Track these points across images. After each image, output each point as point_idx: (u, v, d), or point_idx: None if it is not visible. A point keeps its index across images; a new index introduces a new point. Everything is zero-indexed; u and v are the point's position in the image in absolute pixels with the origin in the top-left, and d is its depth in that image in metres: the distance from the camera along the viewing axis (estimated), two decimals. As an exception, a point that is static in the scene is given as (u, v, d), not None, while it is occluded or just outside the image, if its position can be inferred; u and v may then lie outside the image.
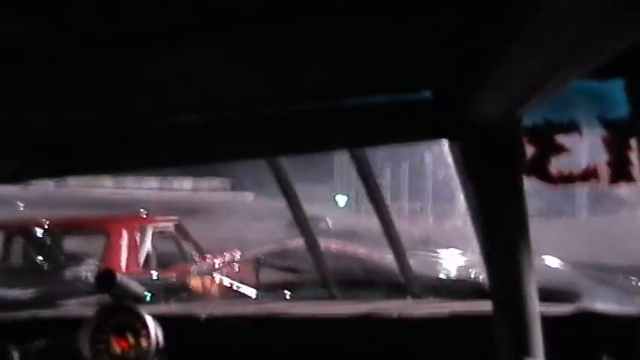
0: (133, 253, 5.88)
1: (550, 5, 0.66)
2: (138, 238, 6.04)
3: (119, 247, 5.82)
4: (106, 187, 31.75)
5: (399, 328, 2.00)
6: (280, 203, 2.24)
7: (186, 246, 6.94)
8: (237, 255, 7.00)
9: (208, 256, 6.68)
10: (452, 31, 0.95)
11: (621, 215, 10.06)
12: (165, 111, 1.35)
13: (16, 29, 0.87)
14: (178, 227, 6.97)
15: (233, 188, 28.59)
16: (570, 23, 0.65)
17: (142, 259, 5.97)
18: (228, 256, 6.83)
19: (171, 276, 4.58)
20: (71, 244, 6.63)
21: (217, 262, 6.46)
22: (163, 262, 6.20)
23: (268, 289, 2.48)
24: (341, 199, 28.55)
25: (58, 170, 1.56)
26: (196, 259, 6.58)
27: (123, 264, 5.66)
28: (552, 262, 2.43)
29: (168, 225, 6.90)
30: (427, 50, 1.03)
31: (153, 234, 6.36)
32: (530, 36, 0.75)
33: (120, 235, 5.90)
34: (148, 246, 6.18)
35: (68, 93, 1.19)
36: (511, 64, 0.87)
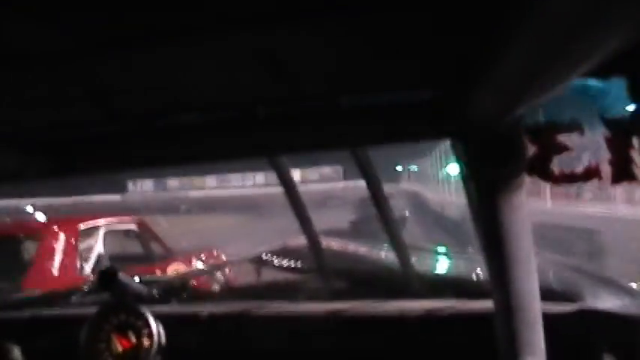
0: (70, 257, 5.41)
1: (550, 4, 0.65)
2: (80, 241, 5.58)
3: (51, 252, 5.31)
4: (207, 187, 30.59)
5: (400, 327, 2.00)
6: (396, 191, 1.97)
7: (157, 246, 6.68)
8: (216, 255, 6.78)
9: (179, 256, 6.47)
10: (451, 31, 0.94)
11: None
12: (165, 110, 1.35)
13: (15, 29, 0.87)
14: (142, 226, 6.64)
15: (346, 176, 26.51)
16: (571, 21, 0.64)
17: (87, 263, 5.54)
18: (204, 257, 6.63)
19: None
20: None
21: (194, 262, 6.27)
22: (123, 263, 5.72)
23: (269, 288, 2.48)
24: (454, 169, 22.87)
25: (58, 170, 1.56)
26: (164, 259, 6.36)
27: (55, 271, 5.21)
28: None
29: (128, 225, 6.53)
30: (427, 50, 1.03)
31: (107, 234, 5.99)
32: (530, 35, 0.75)
33: (55, 239, 5.41)
34: (98, 248, 5.78)
35: (67, 92, 1.19)
36: (511, 64, 0.87)
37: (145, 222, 6.84)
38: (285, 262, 2.62)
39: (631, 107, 1.20)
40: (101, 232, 5.94)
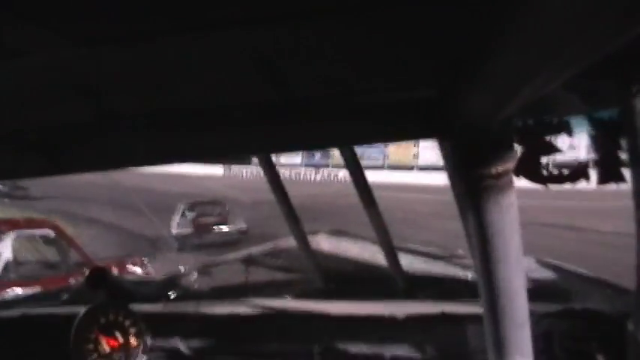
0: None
1: (540, 4, 0.66)
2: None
3: None
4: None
5: (391, 328, 2.00)
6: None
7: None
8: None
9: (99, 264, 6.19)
10: (443, 32, 0.95)
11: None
12: (161, 108, 1.35)
13: (7, 27, 0.87)
14: (58, 232, 6.46)
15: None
16: (561, 23, 0.65)
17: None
18: (129, 266, 6.39)
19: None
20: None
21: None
22: (35, 271, 5.60)
23: (259, 288, 2.48)
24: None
25: (52, 168, 1.55)
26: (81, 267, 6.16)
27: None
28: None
29: (44, 231, 6.36)
30: (419, 50, 1.04)
31: (19, 240, 5.84)
32: (519, 35, 0.75)
33: None
34: (6, 255, 5.70)
35: (61, 90, 1.18)
36: (502, 64, 0.87)
37: (61, 228, 6.64)
38: (275, 262, 2.62)
39: (619, 109, 1.21)
40: (9, 239, 5.84)
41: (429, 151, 22.61)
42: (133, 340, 2.02)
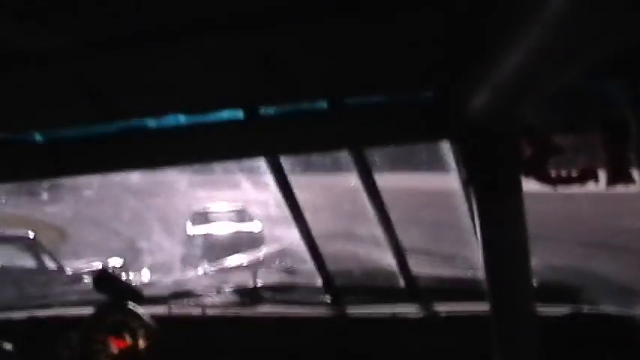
0: None
1: (546, 5, 0.66)
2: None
3: None
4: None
5: (397, 329, 2.00)
6: None
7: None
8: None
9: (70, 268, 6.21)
10: (450, 33, 0.95)
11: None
12: (163, 110, 1.35)
13: (12, 30, 0.87)
14: (32, 240, 6.40)
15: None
16: (567, 23, 0.64)
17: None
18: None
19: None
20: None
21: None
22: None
23: (266, 291, 2.47)
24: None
25: (53, 170, 1.55)
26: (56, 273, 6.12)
27: None
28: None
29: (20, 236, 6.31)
30: (425, 51, 1.04)
31: None
32: (526, 36, 0.75)
33: None
34: None
35: (64, 93, 1.19)
36: (508, 65, 0.87)
37: (35, 236, 6.58)
38: (282, 264, 2.61)
39: (629, 109, 1.20)
40: None
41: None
42: (141, 342, 2.02)
